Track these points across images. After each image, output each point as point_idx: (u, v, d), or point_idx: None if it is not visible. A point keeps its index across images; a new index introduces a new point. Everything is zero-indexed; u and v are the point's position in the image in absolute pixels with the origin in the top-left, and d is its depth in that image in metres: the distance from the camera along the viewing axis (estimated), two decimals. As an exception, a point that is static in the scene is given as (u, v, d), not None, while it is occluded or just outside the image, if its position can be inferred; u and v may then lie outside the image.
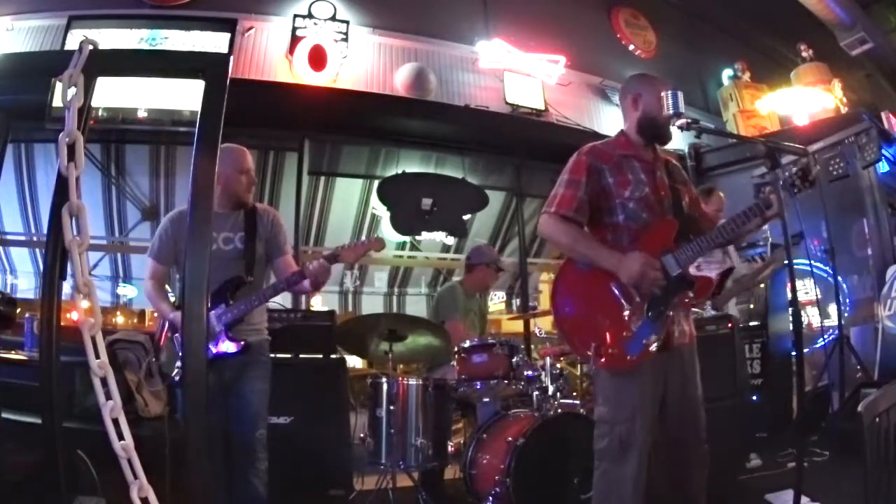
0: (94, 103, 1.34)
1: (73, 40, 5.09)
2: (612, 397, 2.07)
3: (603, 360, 2.04)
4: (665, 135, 2.26)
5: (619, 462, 1.98)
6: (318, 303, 7.08)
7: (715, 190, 4.32)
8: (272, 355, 2.74)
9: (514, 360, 3.22)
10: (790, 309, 2.16)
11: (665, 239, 2.12)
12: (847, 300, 5.73)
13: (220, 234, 2.59)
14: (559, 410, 3.05)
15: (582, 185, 2.14)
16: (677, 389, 2.10)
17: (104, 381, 1.17)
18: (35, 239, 6.79)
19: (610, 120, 6.93)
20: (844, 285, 5.68)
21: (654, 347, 2.02)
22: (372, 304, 8.87)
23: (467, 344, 3.32)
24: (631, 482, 1.94)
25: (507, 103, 6.29)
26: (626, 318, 2.05)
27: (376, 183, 6.41)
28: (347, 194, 7.22)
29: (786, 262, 4.08)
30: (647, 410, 2.01)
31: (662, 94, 2.20)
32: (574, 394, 3.70)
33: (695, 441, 2.11)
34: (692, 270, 4.15)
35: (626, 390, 2.03)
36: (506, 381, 3.19)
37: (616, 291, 2.07)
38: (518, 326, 6.66)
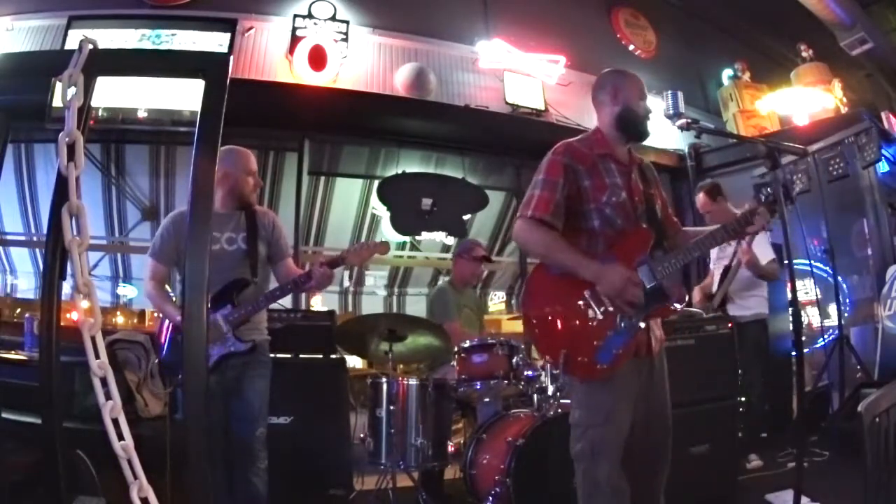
0: (94, 103, 1.34)
1: (73, 40, 5.09)
2: (584, 402, 2.04)
3: (572, 368, 2.01)
4: (644, 131, 2.20)
5: (593, 465, 1.96)
6: (318, 303, 7.09)
7: (701, 189, 4.28)
8: (273, 355, 2.75)
9: (514, 360, 3.22)
10: (790, 309, 2.16)
11: (641, 248, 2.08)
12: (847, 300, 5.73)
13: (223, 234, 2.60)
14: (559, 410, 3.04)
15: (559, 186, 2.05)
16: (649, 395, 2.08)
17: (104, 381, 1.17)
18: (35, 239, 6.79)
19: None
20: (844, 285, 5.69)
21: (624, 357, 1.99)
22: (372, 304, 8.87)
23: (467, 344, 3.32)
24: (606, 484, 1.93)
25: (507, 103, 6.29)
26: (598, 326, 2.00)
27: (376, 183, 6.41)
28: (347, 194, 7.23)
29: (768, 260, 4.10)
30: (619, 415, 1.98)
31: (640, 88, 2.20)
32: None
33: (663, 445, 2.09)
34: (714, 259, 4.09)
35: (598, 395, 2.00)
36: (506, 381, 3.19)
37: (589, 299, 2.02)
38: (518, 326, 6.65)
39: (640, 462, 2.03)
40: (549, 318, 2.08)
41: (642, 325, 2.03)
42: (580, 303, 2.02)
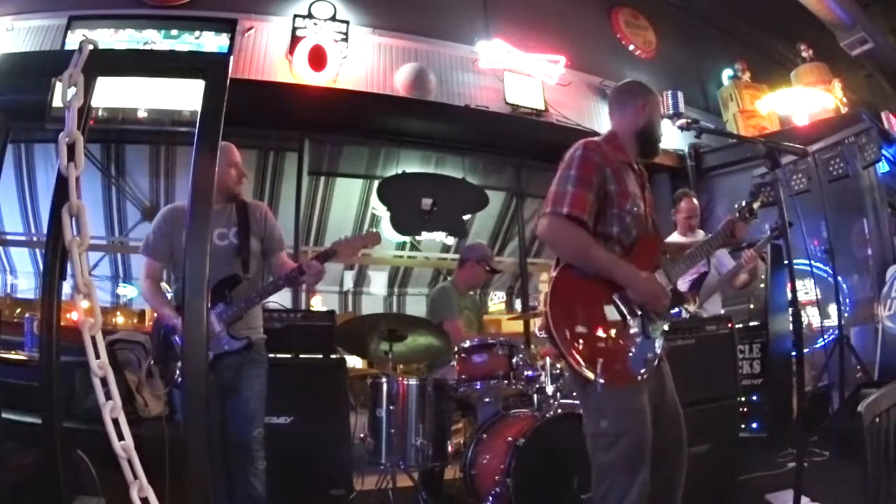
0: (94, 103, 1.34)
1: (73, 40, 5.09)
2: (610, 409, 1.94)
3: (611, 378, 1.91)
4: (657, 150, 2.23)
5: (628, 474, 1.88)
6: (318, 303, 7.09)
7: (686, 195, 4.33)
8: (273, 355, 2.74)
9: (514, 360, 3.22)
10: (790, 309, 2.17)
11: (653, 255, 2.09)
12: (847, 300, 5.73)
13: (214, 229, 2.55)
14: (559, 410, 3.05)
15: (593, 185, 1.98)
16: (662, 396, 2.07)
17: (104, 381, 1.17)
18: (35, 239, 6.79)
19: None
20: (844, 285, 5.68)
21: (655, 362, 1.99)
22: (372, 305, 8.87)
23: (467, 344, 3.32)
24: (637, 493, 1.86)
25: (507, 103, 6.29)
26: (630, 333, 1.98)
27: (376, 183, 6.41)
28: (347, 194, 7.23)
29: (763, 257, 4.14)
30: (647, 418, 1.95)
31: (660, 109, 2.24)
32: (574, 394, 3.69)
33: (677, 449, 2.06)
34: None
35: (627, 401, 1.93)
36: (506, 381, 3.19)
37: (621, 305, 1.97)
38: (518, 326, 6.66)
39: (660, 463, 2.00)
40: (581, 325, 1.97)
41: (666, 328, 2.05)
42: (611, 309, 1.99)
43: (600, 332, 1.97)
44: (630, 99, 2.21)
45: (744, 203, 2.28)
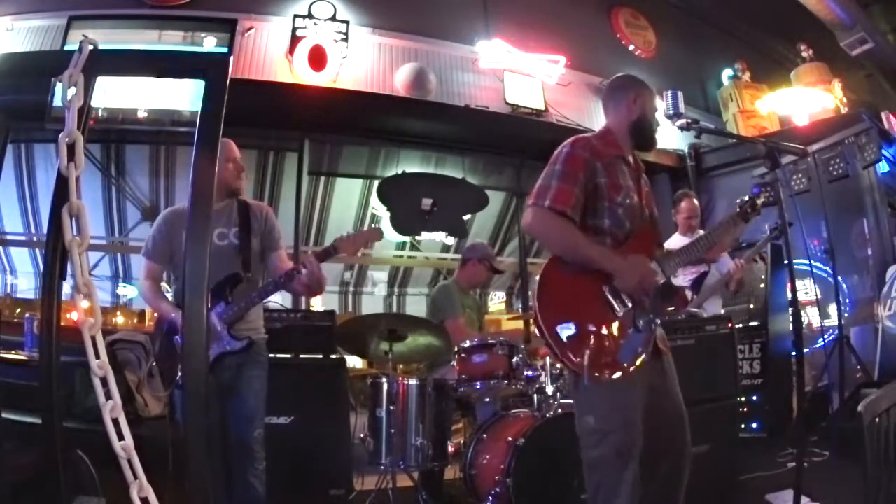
0: (94, 103, 1.34)
1: (73, 40, 5.10)
2: (599, 405, 1.94)
3: (598, 370, 1.91)
4: (654, 142, 2.23)
5: (616, 471, 1.88)
6: (319, 303, 7.08)
7: (687, 196, 4.35)
8: (273, 355, 2.73)
9: (514, 360, 3.21)
10: (790, 309, 2.17)
11: (648, 247, 2.09)
12: (847, 300, 5.74)
13: (214, 229, 2.52)
14: (559, 410, 3.05)
15: (579, 181, 2.01)
16: (667, 393, 2.06)
17: (104, 381, 1.17)
18: (35, 239, 6.79)
19: (610, 120, 6.94)
20: (844, 285, 5.69)
21: (644, 356, 1.97)
22: (372, 304, 8.88)
23: (467, 344, 3.32)
24: (627, 490, 1.86)
25: (507, 103, 6.30)
26: (620, 325, 1.97)
27: (376, 183, 6.42)
28: (347, 194, 7.23)
29: (759, 259, 4.18)
30: (639, 416, 1.93)
31: (655, 102, 2.23)
32: (574, 393, 3.69)
33: (680, 451, 2.04)
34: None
35: (617, 396, 1.92)
36: (506, 381, 3.18)
37: (609, 297, 1.98)
38: (518, 326, 6.66)
39: (661, 464, 1.99)
40: (570, 318, 1.96)
41: (658, 321, 2.03)
42: (601, 301, 1.98)
43: (589, 325, 1.96)
44: (622, 93, 2.23)
45: (747, 198, 2.26)
